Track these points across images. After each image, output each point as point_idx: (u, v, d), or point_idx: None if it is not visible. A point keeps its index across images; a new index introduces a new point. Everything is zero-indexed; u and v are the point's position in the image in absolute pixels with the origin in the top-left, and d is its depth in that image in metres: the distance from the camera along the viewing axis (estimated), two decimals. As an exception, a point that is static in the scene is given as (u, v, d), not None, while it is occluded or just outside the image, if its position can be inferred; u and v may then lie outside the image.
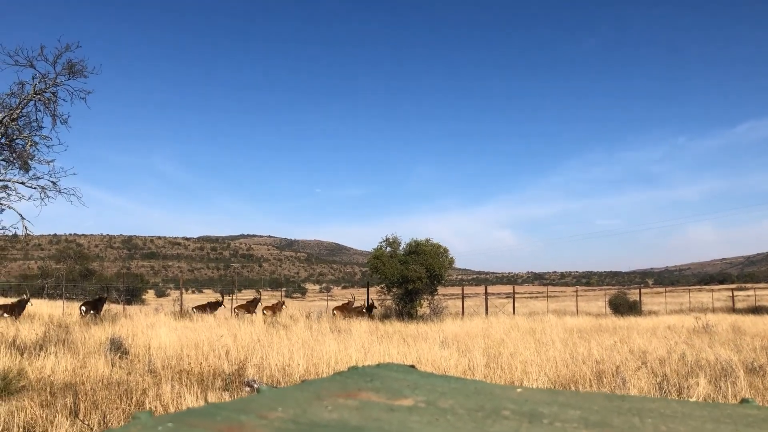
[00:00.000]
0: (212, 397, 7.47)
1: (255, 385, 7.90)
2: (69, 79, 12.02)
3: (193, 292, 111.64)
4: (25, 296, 20.88)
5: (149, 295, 65.92)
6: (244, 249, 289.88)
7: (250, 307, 23.21)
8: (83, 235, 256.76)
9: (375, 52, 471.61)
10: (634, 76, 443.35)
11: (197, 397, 7.36)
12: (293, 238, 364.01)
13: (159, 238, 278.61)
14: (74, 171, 12.51)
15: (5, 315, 18.72)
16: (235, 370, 9.27)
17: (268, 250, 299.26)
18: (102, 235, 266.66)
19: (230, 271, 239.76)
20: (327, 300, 56.22)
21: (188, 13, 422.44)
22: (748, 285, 73.74)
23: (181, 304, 26.93)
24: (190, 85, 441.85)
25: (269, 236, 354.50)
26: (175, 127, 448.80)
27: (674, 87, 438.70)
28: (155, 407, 6.91)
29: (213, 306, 23.82)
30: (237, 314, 22.07)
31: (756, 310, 33.17)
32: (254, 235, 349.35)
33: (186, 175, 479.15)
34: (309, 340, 12.04)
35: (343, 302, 26.24)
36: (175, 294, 57.12)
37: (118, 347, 10.77)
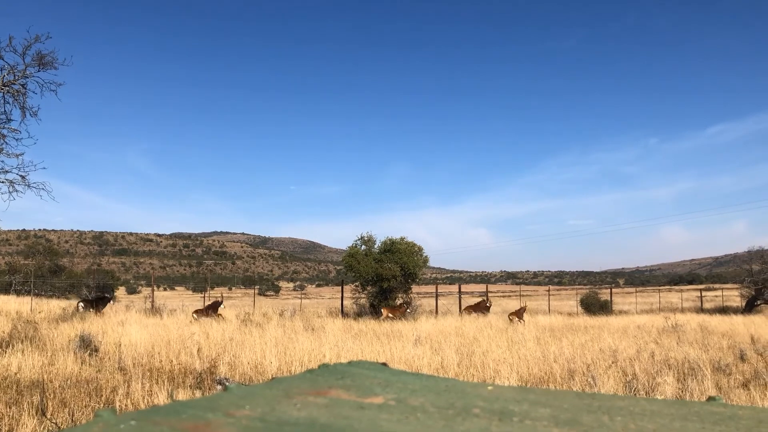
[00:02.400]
0: (183, 395, 7.39)
1: (227, 383, 7.84)
2: (39, 71, 11.78)
3: (165, 289, 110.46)
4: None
5: (120, 291, 64.99)
6: (217, 246, 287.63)
7: (209, 310, 22.65)
8: (53, 230, 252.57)
9: (352, 51, 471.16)
10: (609, 78, 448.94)
11: (168, 394, 7.28)
12: (267, 236, 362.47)
13: (131, 234, 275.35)
14: (44, 165, 12.25)
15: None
16: (207, 368, 9.18)
17: (242, 247, 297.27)
18: (72, 230, 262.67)
19: (203, 268, 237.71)
20: (301, 298, 56.01)
21: (162, 10, 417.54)
22: (716, 285, 74.99)
23: (153, 301, 26.60)
24: (164, 82, 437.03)
25: (243, 234, 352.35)
26: (149, 123, 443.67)
27: (647, 89, 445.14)
28: (125, 405, 6.82)
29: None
30: (196, 318, 21.52)
31: (723, 310, 33.81)
32: (228, 233, 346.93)
33: (159, 171, 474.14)
34: (282, 339, 11.98)
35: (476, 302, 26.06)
36: (146, 291, 56.45)
37: (87, 344, 10.60)
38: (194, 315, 21.93)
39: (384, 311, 22.11)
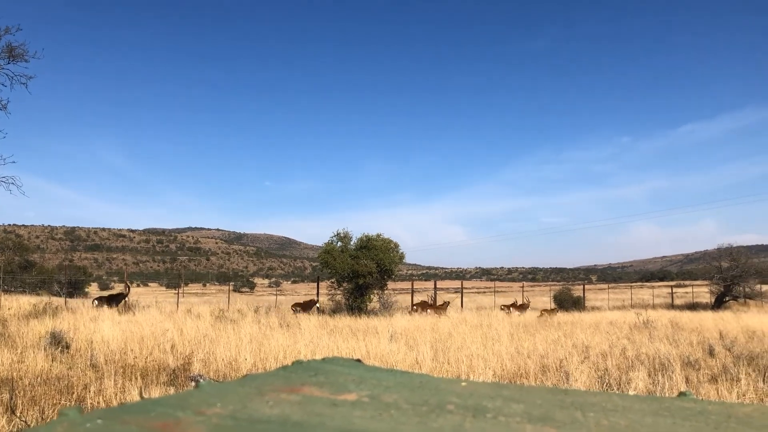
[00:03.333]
0: (156, 392, 7.32)
1: (200, 380, 7.77)
2: (9, 63, 11.56)
3: (139, 285, 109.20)
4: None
5: (92, 288, 64.09)
6: (191, 242, 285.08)
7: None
8: (23, 225, 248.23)
9: (325, 47, 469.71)
10: (582, 78, 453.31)
11: (141, 391, 7.20)
12: (242, 232, 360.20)
13: (103, 229, 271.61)
14: (13, 159, 12.06)
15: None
16: (181, 364, 9.10)
17: (216, 243, 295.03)
18: (43, 226, 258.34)
19: (177, 264, 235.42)
20: (276, 295, 55.77)
21: (135, 3, 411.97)
22: (687, 282, 76.19)
23: (127, 297, 26.22)
24: (138, 76, 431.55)
25: (217, 229, 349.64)
26: (121, 116, 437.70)
27: (620, 88, 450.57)
28: (97, 402, 6.73)
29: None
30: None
31: (693, 307, 34.42)
32: (202, 228, 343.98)
33: (132, 165, 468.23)
34: (257, 335, 11.91)
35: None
36: (119, 287, 55.74)
37: (58, 341, 10.43)
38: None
39: (429, 309, 22.71)
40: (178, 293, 32.02)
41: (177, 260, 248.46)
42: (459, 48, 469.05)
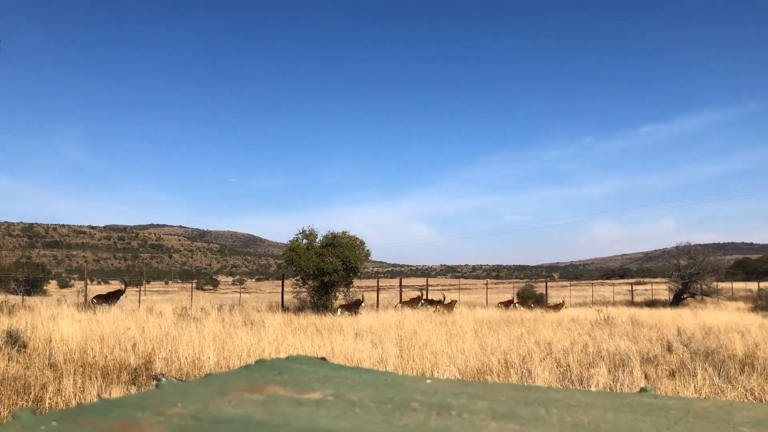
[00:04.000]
0: (118, 392, 7.20)
1: (163, 379, 7.66)
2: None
3: (99, 283, 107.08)
4: None
5: (51, 285, 62.66)
6: (153, 239, 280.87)
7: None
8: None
9: (291, 44, 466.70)
10: (546, 77, 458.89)
11: (101, 390, 7.08)
12: (206, 229, 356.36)
13: (63, 226, 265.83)
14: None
15: None
16: (143, 363, 8.96)
17: (179, 240, 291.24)
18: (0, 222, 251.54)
19: (139, 261, 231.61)
20: (240, 293, 55.27)
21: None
22: (646, 279, 77.87)
23: (86, 295, 25.72)
24: (97, 67, 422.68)
25: (180, 226, 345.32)
26: (81, 110, 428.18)
27: (582, 89, 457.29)
28: (56, 403, 6.58)
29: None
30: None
31: (652, 304, 35.17)
32: (164, 225, 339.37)
33: (92, 160, 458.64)
34: (221, 333, 11.78)
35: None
36: (79, 285, 54.63)
37: (15, 340, 10.16)
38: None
39: (438, 306, 23.44)
40: (139, 291, 31.54)
41: (139, 257, 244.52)
42: (424, 47, 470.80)
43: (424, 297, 26.95)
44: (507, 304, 29.28)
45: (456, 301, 25.94)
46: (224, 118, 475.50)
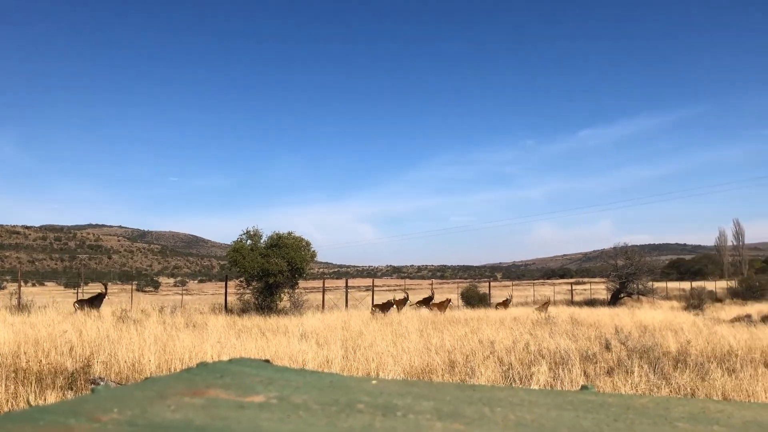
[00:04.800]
0: (53, 397, 6.95)
1: (101, 383, 7.43)
2: None
3: (34, 285, 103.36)
4: None
5: (-19, 288, 60.07)
6: (92, 240, 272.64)
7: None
8: None
9: (236, 42, 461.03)
10: (487, 80, 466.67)
11: (36, 396, 6.82)
12: (146, 229, 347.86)
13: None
14: None
15: None
16: (80, 367, 8.67)
17: (119, 241, 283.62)
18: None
19: (76, 262, 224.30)
20: (182, 294, 54.21)
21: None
22: (585, 279, 79.97)
23: (19, 297, 24.71)
24: (32, 60, 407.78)
25: (120, 226, 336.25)
26: (13, 104, 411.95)
27: (524, 92, 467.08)
28: (-16, 411, 6.30)
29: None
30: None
31: (591, 303, 36.15)
32: (103, 225, 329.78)
33: (26, 157, 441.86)
34: (162, 336, 11.51)
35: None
36: (12, 287, 52.51)
37: (-60, 346, 9.69)
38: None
39: (431, 306, 24.16)
40: (77, 293, 30.56)
41: (76, 258, 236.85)
42: (368, 48, 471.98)
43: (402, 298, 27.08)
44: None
45: (450, 300, 26.35)
46: (164, 115, 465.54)
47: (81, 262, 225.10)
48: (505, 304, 28.82)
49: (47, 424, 0.86)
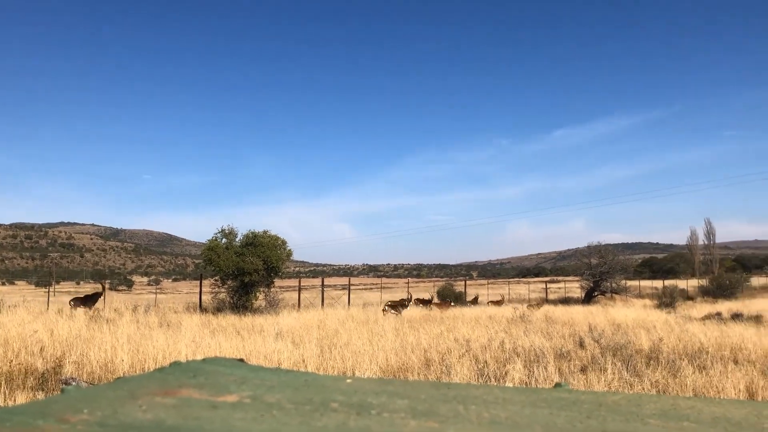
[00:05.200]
0: (23, 398, 6.84)
1: (72, 383, 7.32)
2: None
3: (4, 283, 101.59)
4: None
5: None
6: (63, 238, 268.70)
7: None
8: None
9: (211, 39, 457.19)
10: (465, 80, 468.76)
11: (6, 397, 6.71)
12: (119, 228, 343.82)
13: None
14: None
15: None
16: (52, 367, 8.53)
17: (91, 239, 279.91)
18: None
19: (48, 261, 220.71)
20: (156, 293, 53.67)
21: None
22: (560, 278, 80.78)
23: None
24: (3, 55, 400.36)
25: (92, 225, 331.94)
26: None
27: (500, 92, 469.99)
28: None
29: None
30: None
31: (566, 301, 36.51)
32: (75, 223, 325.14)
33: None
34: (135, 335, 11.38)
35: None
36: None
37: None
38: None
39: (432, 306, 24.75)
40: (48, 292, 30.11)
41: (48, 257, 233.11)
42: (345, 47, 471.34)
43: (415, 298, 27.49)
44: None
45: (450, 300, 26.94)
46: (138, 112, 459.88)
47: (52, 260, 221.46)
48: (499, 303, 29.46)
49: (15, 425, 0.84)
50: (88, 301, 20.50)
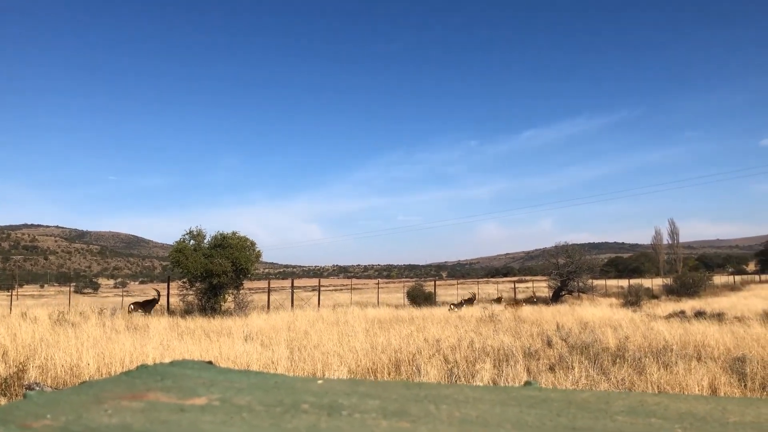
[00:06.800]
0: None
1: (36, 388, 7.16)
2: None
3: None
4: None
5: None
6: (27, 240, 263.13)
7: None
8: None
9: (178, 39, 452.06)
10: (432, 82, 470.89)
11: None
12: (85, 230, 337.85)
13: None
14: None
15: None
16: (14, 372, 8.33)
17: (56, 241, 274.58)
18: None
19: (11, 264, 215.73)
20: (123, 296, 52.81)
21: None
22: (528, 277, 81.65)
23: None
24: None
25: (57, 227, 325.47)
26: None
27: (467, 94, 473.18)
28: None
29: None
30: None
31: (534, 300, 36.84)
32: (39, 225, 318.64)
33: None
34: (101, 339, 11.19)
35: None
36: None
37: None
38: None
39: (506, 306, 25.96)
40: (11, 295, 29.42)
41: (10, 260, 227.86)
42: (313, 47, 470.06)
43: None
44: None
45: (522, 302, 27.88)
46: (102, 112, 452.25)
47: (15, 263, 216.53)
48: (470, 301, 30.00)
49: None
50: (147, 305, 21.51)
